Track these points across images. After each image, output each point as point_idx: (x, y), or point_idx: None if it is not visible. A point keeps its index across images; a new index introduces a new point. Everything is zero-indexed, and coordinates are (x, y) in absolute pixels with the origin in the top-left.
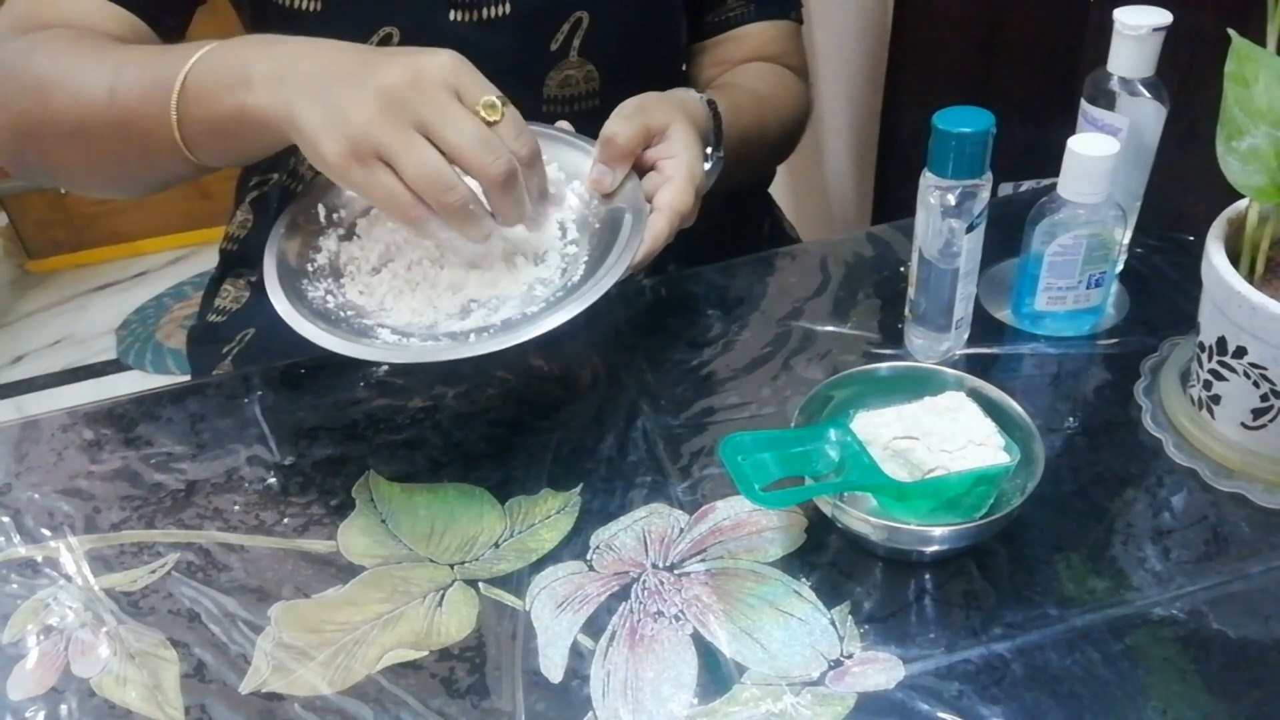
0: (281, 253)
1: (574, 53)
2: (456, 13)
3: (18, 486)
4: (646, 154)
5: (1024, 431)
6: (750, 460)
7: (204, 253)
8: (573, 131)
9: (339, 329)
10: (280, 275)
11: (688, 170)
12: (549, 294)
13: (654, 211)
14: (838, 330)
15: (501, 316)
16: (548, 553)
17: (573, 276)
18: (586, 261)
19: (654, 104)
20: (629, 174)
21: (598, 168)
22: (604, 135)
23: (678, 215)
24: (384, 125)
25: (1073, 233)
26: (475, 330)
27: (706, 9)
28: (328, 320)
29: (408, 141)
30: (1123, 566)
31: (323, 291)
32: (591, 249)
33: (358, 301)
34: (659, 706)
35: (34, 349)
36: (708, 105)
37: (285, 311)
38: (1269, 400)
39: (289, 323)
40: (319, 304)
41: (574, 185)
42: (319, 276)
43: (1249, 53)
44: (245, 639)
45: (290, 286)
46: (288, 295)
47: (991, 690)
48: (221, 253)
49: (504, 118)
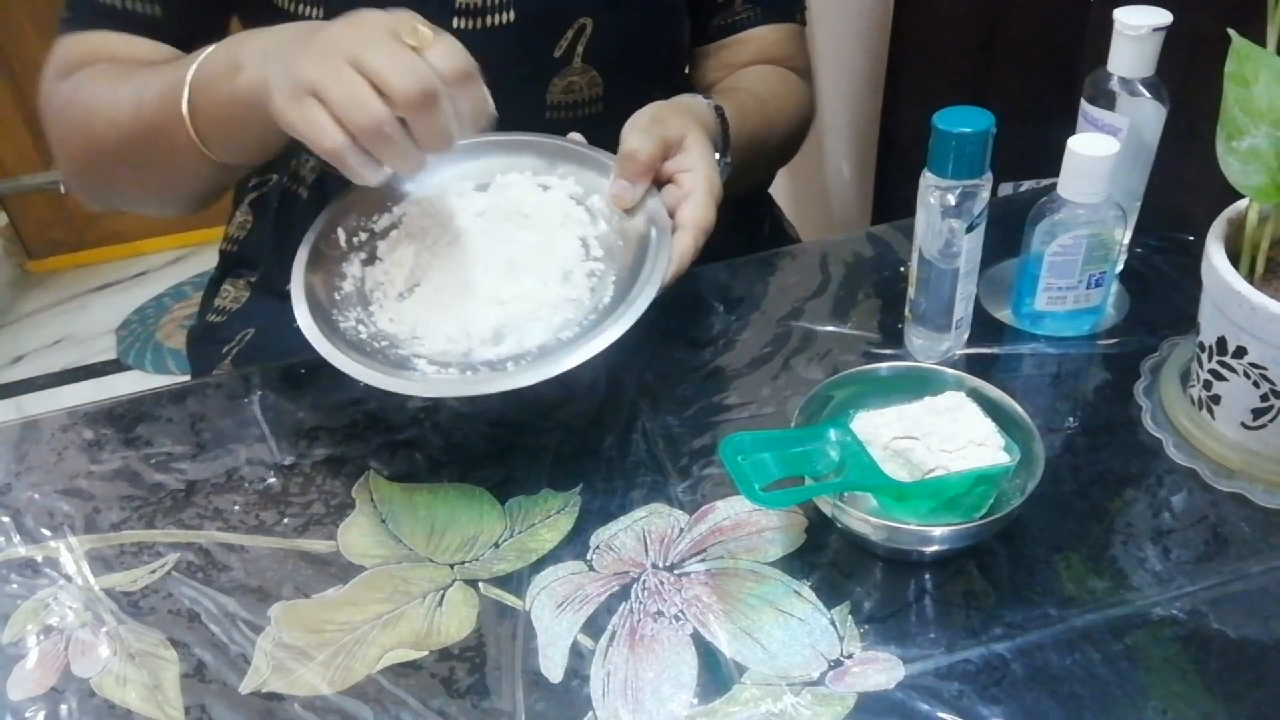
0: (309, 285)
1: (578, 59)
2: (460, 20)
3: (18, 486)
4: (664, 166)
5: (1024, 431)
6: (750, 460)
7: (204, 253)
8: (585, 143)
9: (375, 360)
10: (311, 309)
11: (707, 184)
12: (581, 316)
13: (678, 229)
14: (838, 330)
15: (536, 341)
16: (548, 553)
17: (603, 297)
18: (615, 281)
19: (668, 115)
20: (648, 188)
21: (618, 183)
22: (624, 151)
23: (702, 232)
24: (318, 63)
25: (1073, 233)
26: (513, 358)
27: (711, 13)
28: (362, 352)
29: (336, 73)
30: (1123, 566)
31: (354, 321)
32: (619, 268)
33: (389, 330)
34: (659, 706)
35: (34, 349)
36: (715, 112)
37: (326, 350)
38: (1269, 400)
39: (332, 361)
40: (352, 335)
41: (592, 200)
42: (348, 305)
43: (1249, 53)
44: (245, 639)
45: (322, 319)
46: (323, 330)
47: (991, 690)
48: (221, 253)
49: (434, 44)
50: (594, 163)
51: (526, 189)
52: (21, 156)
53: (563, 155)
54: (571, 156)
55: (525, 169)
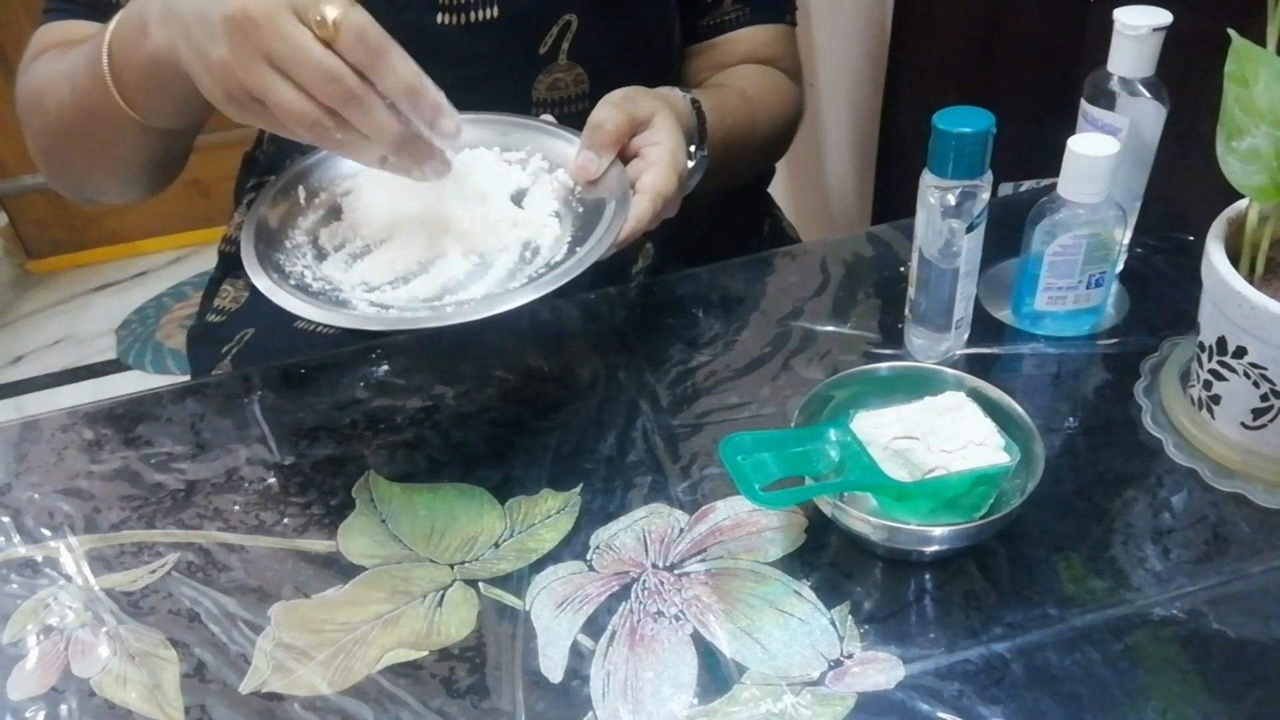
0: (261, 223)
1: (563, 56)
2: (444, 15)
3: (18, 486)
4: (631, 142)
5: (1024, 431)
6: (750, 460)
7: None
8: (556, 123)
9: (317, 299)
10: (258, 248)
11: (670, 155)
12: (531, 272)
13: (637, 193)
14: (838, 330)
15: (481, 291)
16: (548, 553)
17: (555, 256)
18: (569, 243)
19: (640, 94)
20: (613, 162)
21: (584, 154)
22: (591, 122)
23: (661, 197)
24: (240, 67)
25: (1073, 233)
26: (455, 304)
27: (700, 12)
28: (306, 293)
29: (265, 82)
30: (1123, 566)
31: (300, 268)
32: (575, 231)
33: (336, 277)
34: (659, 706)
35: (34, 349)
36: (691, 104)
37: (264, 285)
38: (1269, 400)
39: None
40: (297, 279)
41: (558, 173)
42: (297, 254)
43: (1249, 53)
44: (245, 639)
45: (268, 259)
46: (265, 268)
47: (991, 690)
48: (220, 254)
49: (341, 32)
50: (562, 139)
51: (491, 162)
52: (21, 156)
53: (530, 132)
54: (539, 134)
55: (493, 144)
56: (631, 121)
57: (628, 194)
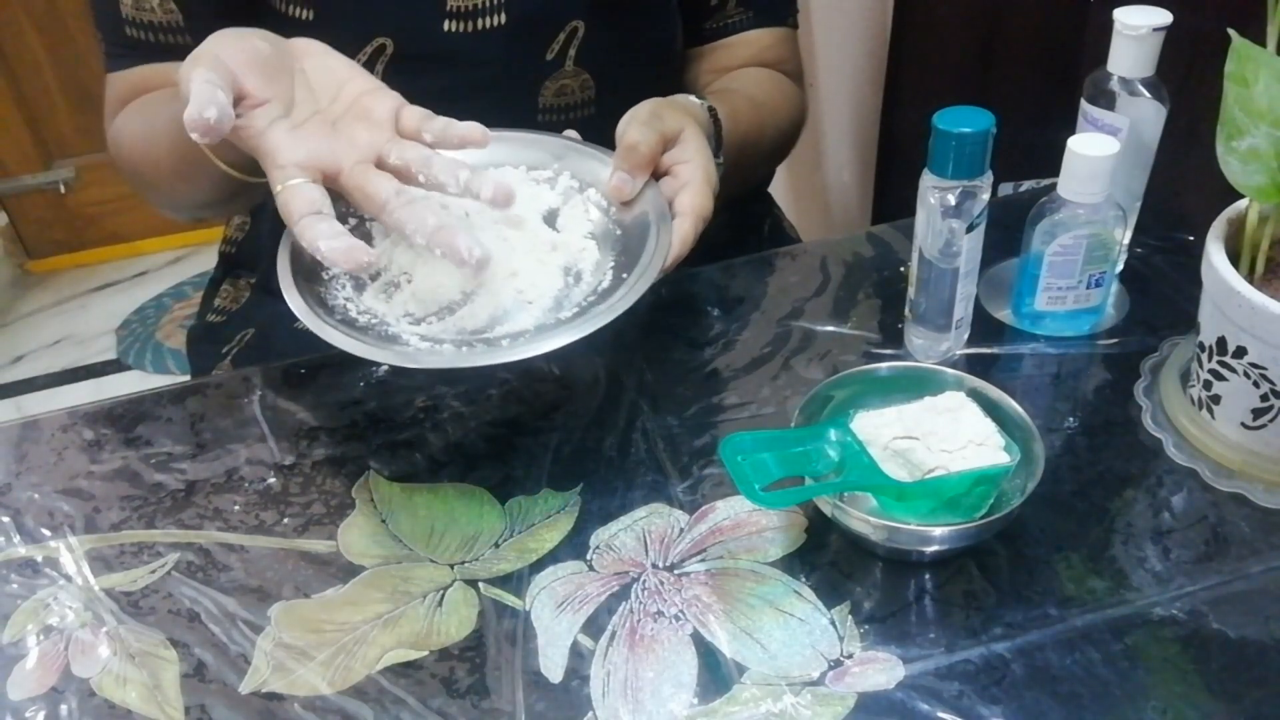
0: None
1: (570, 62)
2: (451, 23)
3: (18, 486)
4: (662, 159)
5: (1024, 431)
6: (750, 460)
7: (204, 253)
8: (580, 139)
9: (366, 335)
10: (299, 286)
11: (704, 173)
12: (580, 299)
13: (677, 216)
14: (838, 330)
15: (533, 322)
16: (548, 553)
17: (601, 282)
18: (613, 268)
19: (666, 110)
20: (647, 180)
21: (619, 175)
22: (626, 143)
23: (701, 219)
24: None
25: (1073, 233)
26: (509, 336)
27: (703, 16)
28: (353, 328)
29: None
30: (1123, 566)
31: (342, 300)
32: (617, 255)
33: (379, 309)
34: (659, 706)
35: (34, 349)
36: (709, 112)
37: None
38: (1269, 400)
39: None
40: (341, 312)
41: (589, 193)
42: (336, 286)
43: (1249, 53)
44: (245, 639)
45: (312, 298)
46: (308, 302)
47: (991, 690)
48: (220, 255)
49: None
50: (590, 156)
51: (520, 182)
52: (21, 156)
53: (558, 150)
54: (566, 151)
55: (520, 164)
56: (663, 139)
57: (665, 214)
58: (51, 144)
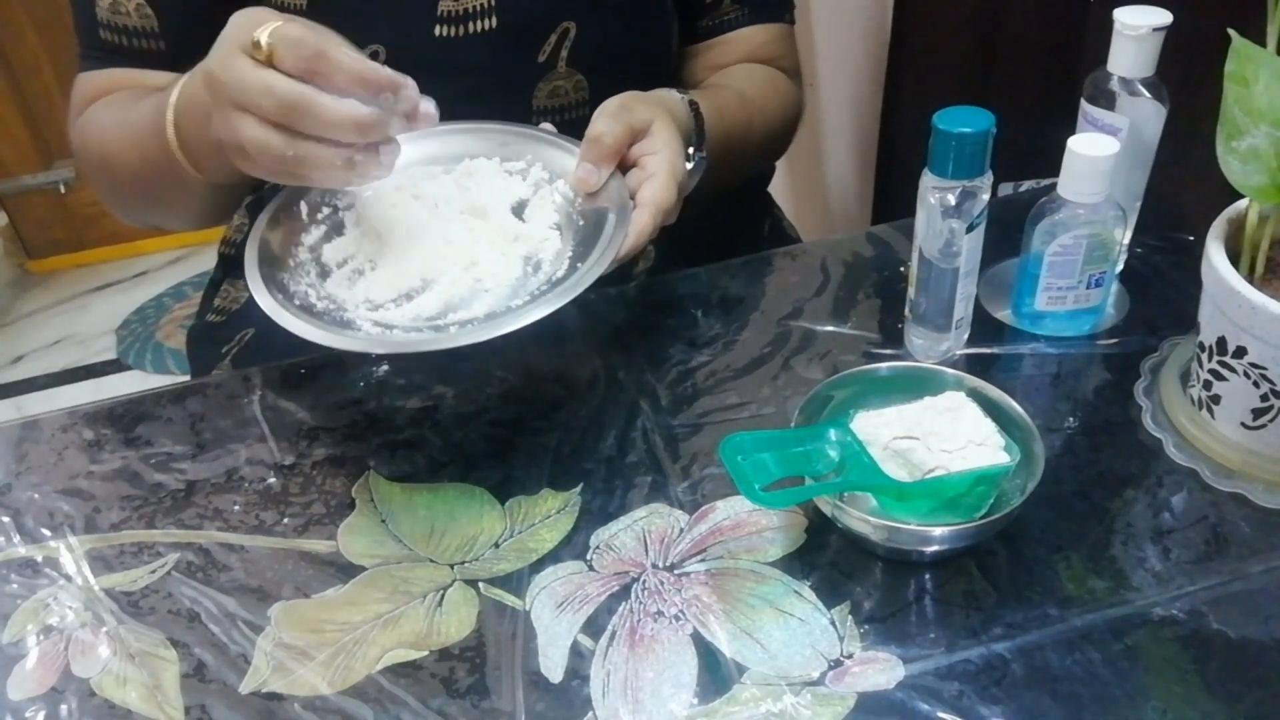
0: (264, 242)
1: (562, 63)
2: (442, 28)
3: (18, 486)
4: (630, 151)
5: (1024, 431)
6: (750, 460)
7: (204, 253)
8: (555, 132)
9: (322, 321)
10: (263, 271)
11: (669, 166)
12: (534, 288)
13: (637, 207)
14: (838, 330)
15: (484, 309)
16: (548, 553)
17: (557, 271)
18: (570, 257)
19: (636, 102)
20: (613, 172)
21: (584, 166)
22: (590, 135)
23: (660, 211)
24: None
25: (1073, 233)
26: (459, 323)
27: (699, 13)
28: (310, 313)
29: (234, 126)
30: (1123, 566)
31: (304, 286)
32: (575, 245)
33: (339, 295)
34: (659, 706)
35: (34, 349)
36: (689, 105)
37: (268, 306)
38: (1269, 400)
39: (277, 319)
40: (302, 299)
41: (558, 184)
42: (301, 273)
43: (1249, 53)
44: (245, 639)
45: (275, 285)
46: (269, 288)
47: (991, 690)
48: (220, 255)
49: (275, 49)
50: (563, 149)
51: (492, 174)
52: (21, 156)
53: (530, 141)
54: (539, 143)
55: (493, 155)
56: (630, 131)
57: (627, 205)
58: (51, 144)
